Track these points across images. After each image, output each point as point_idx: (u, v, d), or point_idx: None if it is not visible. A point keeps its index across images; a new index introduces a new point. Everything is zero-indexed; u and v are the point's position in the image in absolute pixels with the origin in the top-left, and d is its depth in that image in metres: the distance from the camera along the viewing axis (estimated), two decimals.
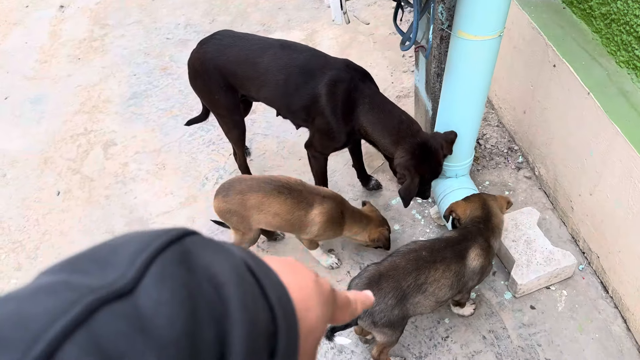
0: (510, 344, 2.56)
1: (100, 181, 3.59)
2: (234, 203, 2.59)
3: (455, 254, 2.24)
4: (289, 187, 2.60)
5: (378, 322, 2.18)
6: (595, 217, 2.62)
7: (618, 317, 2.58)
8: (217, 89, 2.78)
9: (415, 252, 2.24)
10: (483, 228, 2.33)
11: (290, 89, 2.60)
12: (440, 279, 2.22)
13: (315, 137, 2.76)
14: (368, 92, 2.59)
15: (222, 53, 2.69)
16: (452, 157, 2.79)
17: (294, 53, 2.63)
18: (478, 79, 2.39)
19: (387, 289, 2.15)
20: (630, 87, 2.42)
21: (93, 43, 4.83)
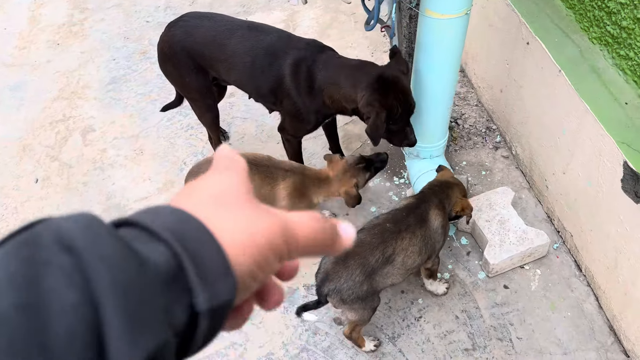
0: (483, 324, 2.57)
1: (78, 168, 3.57)
2: None
3: (418, 219, 2.27)
4: (256, 163, 2.57)
5: (347, 299, 2.19)
6: (568, 196, 2.61)
7: (590, 295, 2.59)
8: (187, 72, 2.74)
9: (380, 226, 2.25)
10: (438, 190, 2.38)
11: (256, 71, 2.58)
12: (408, 247, 2.24)
13: (286, 121, 2.74)
14: (324, 58, 2.51)
15: (190, 35, 2.65)
16: (427, 138, 2.77)
17: (261, 35, 2.60)
18: (447, 58, 2.36)
19: (353, 266, 2.17)
20: (602, 64, 2.39)
21: (72, 28, 4.77)
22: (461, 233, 2.88)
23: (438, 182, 2.46)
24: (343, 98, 2.47)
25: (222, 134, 3.57)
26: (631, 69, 2.24)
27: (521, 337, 2.50)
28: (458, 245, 2.85)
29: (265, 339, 2.64)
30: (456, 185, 2.46)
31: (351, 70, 2.47)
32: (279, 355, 2.58)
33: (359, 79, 2.39)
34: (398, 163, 3.28)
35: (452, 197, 2.40)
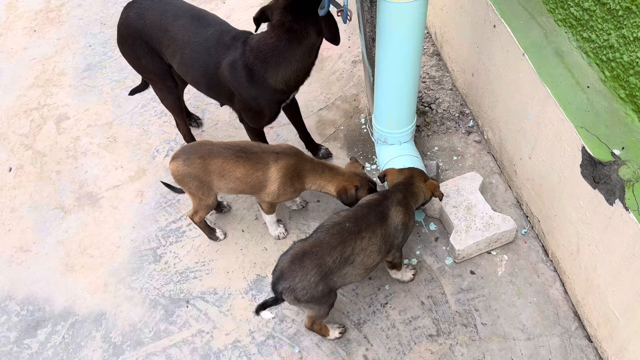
0: (448, 310, 2.56)
1: (52, 156, 3.56)
2: (196, 167, 2.57)
3: (378, 217, 2.24)
4: (246, 149, 2.59)
5: (301, 299, 2.18)
6: (534, 181, 2.58)
7: (557, 280, 2.58)
8: (142, 54, 2.75)
9: (339, 225, 2.21)
10: (402, 188, 2.35)
11: (194, 65, 2.58)
12: (367, 247, 2.21)
13: (243, 115, 2.72)
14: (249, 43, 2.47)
15: (142, 17, 2.65)
16: (394, 124, 2.74)
17: (201, 27, 2.58)
18: (408, 42, 2.32)
19: (309, 266, 2.14)
20: (566, 46, 2.35)
21: (49, 14, 4.71)
22: (430, 219, 2.86)
23: (401, 182, 2.42)
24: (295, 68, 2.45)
25: (195, 121, 3.54)
26: (593, 51, 2.20)
27: (486, 323, 2.50)
28: (426, 231, 2.83)
29: (232, 326, 2.65)
30: (413, 175, 2.44)
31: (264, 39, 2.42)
32: (246, 342, 2.58)
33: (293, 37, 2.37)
34: (370, 149, 3.25)
35: (417, 190, 2.37)
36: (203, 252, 2.94)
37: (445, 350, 2.45)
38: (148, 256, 2.96)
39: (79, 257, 3.01)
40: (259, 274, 2.81)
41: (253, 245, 2.92)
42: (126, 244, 3.03)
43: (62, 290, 2.89)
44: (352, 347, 2.51)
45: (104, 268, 2.94)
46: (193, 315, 2.71)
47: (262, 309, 2.30)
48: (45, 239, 3.12)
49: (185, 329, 2.67)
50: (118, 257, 2.98)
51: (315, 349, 2.53)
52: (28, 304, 2.86)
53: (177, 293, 2.80)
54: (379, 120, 2.77)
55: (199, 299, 2.76)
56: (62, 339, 2.71)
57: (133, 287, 2.85)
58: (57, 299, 2.86)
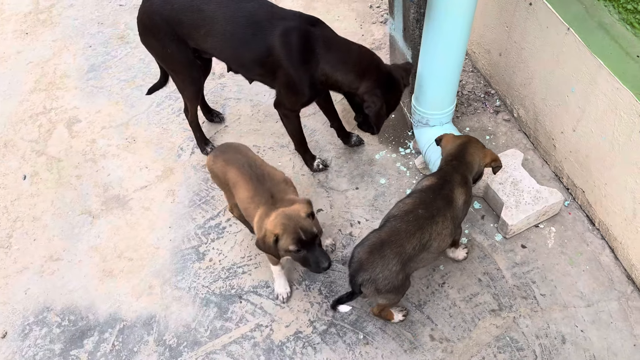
0: (506, 284, 2.60)
1: (68, 161, 3.41)
2: (218, 167, 2.51)
3: (445, 201, 2.23)
4: (260, 178, 2.39)
5: (382, 289, 2.16)
6: (579, 153, 2.65)
7: (606, 247, 2.66)
8: (168, 42, 2.68)
9: (412, 212, 2.19)
10: (457, 165, 2.33)
11: (238, 41, 2.55)
12: (442, 231, 2.20)
13: (281, 94, 2.70)
14: (321, 33, 2.54)
15: (168, 2, 2.60)
16: (437, 106, 2.76)
17: (242, 2, 2.54)
18: (460, 21, 2.34)
19: (390, 256, 2.12)
20: (608, 19, 2.42)
21: (40, 16, 4.51)
22: (474, 197, 2.90)
23: (453, 154, 2.38)
24: (342, 81, 2.58)
25: (217, 116, 3.47)
26: (639, 22, 2.27)
27: (544, 294, 2.55)
28: (472, 209, 2.87)
29: (291, 317, 2.61)
30: (469, 142, 2.41)
31: (357, 58, 2.57)
32: (307, 332, 2.55)
33: (366, 70, 2.55)
34: (402, 134, 3.27)
35: (474, 160, 2.37)
36: (247, 246, 2.88)
37: (509, 323, 2.49)
38: (191, 255, 2.88)
39: (116, 261, 2.90)
40: None
41: None
42: (165, 245, 2.94)
43: (103, 297, 2.78)
44: (416, 328, 2.52)
45: (146, 270, 2.85)
46: (248, 310, 2.65)
47: (338, 304, 2.27)
48: (76, 245, 2.99)
49: (242, 324, 2.62)
50: (159, 258, 2.88)
51: (380, 334, 2.52)
52: (69, 313, 2.74)
53: (228, 289, 2.73)
54: (421, 102, 2.78)
55: (251, 293, 2.71)
56: (113, 347, 2.61)
57: (180, 287, 2.77)
58: (100, 306, 2.75)
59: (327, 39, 2.56)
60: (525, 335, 2.44)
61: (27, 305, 2.78)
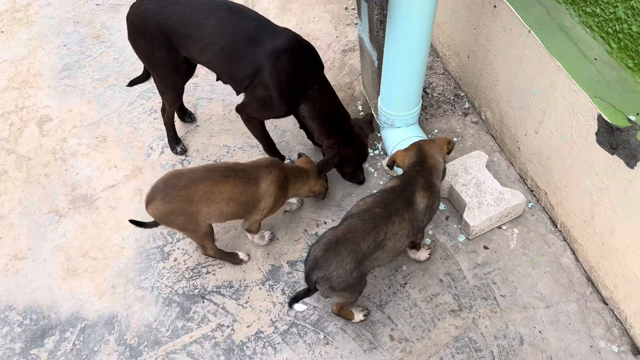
0: (467, 285, 2.61)
1: (38, 159, 3.40)
2: (178, 200, 2.37)
3: (405, 202, 2.24)
4: (232, 168, 2.47)
5: (337, 287, 2.16)
6: (541, 155, 2.67)
7: (567, 249, 2.68)
8: (158, 48, 2.66)
9: (370, 211, 2.20)
10: (420, 170, 2.35)
11: (234, 57, 2.53)
12: (398, 231, 2.21)
13: (251, 104, 2.71)
14: (318, 78, 2.66)
15: (165, 10, 2.57)
16: (402, 107, 2.77)
17: (242, 20, 2.54)
18: (420, 21, 2.35)
19: (344, 254, 2.12)
20: (569, 22, 2.44)
21: (16, 14, 4.49)
22: None
23: (415, 162, 2.40)
24: (313, 130, 2.81)
25: (190, 116, 3.47)
26: (598, 25, 2.29)
27: (505, 295, 2.56)
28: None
29: (252, 317, 2.60)
30: (423, 145, 2.44)
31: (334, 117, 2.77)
32: (269, 332, 2.55)
33: (335, 130, 2.75)
34: (371, 135, 3.27)
35: (436, 160, 2.38)
36: None
37: (469, 323, 2.49)
38: (155, 255, 2.87)
39: (81, 260, 2.89)
40: (273, 264, 2.78)
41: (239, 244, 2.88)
42: (130, 244, 2.93)
43: (66, 296, 2.76)
44: (377, 328, 2.52)
45: (110, 270, 2.83)
46: (210, 310, 2.65)
47: (295, 302, 2.27)
48: (41, 244, 2.98)
49: (204, 324, 2.61)
50: (123, 258, 2.87)
51: (340, 333, 2.52)
52: (31, 312, 2.72)
53: (191, 289, 2.73)
54: (386, 103, 2.79)
55: (214, 293, 2.70)
56: (73, 346, 2.59)
57: (143, 287, 2.76)
58: (62, 305, 2.73)
59: (319, 86, 2.69)
60: (484, 336, 2.45)
61: None
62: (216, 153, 3.30)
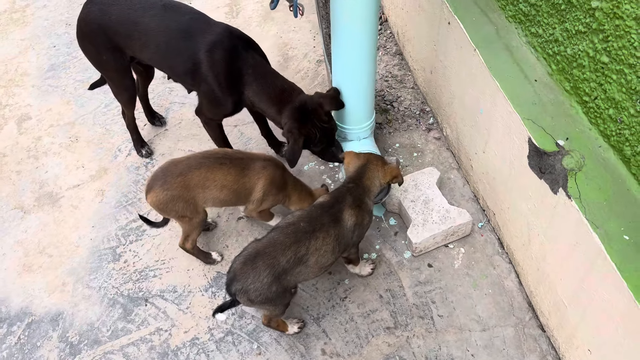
0: (406, 302, 2.59)
1: (12, 156, 3.51)
2: (176, 187, 2.45)
3: (332, 218, 2.23)
4: (229, 156, 2.54)
5: (255, 300, 2.16)
6: (488, 175, 2.63)
7: (512, 272, 2.62)
8: (104, 50, 2.73)
9: (294, 225, 2.20)
10: (353, 187, 2.33)
11: (171, 52, 2.56)
12: (321, 247, 2.20)
13: (203, 104, 2.72)
14: (252, 62, 2.58)
15: (105, 12, 2.64)
16: (352, 120, 2.77)
17: (176, 15, 2.58)
18: (361, 36, 2.35)
19: (262, 267, 2.12)
20: (516, 42, 2.41)
21: (14, 15, 4.65)
22: (390, 214, 2.89)
23: (352, 177, 2.39)
24: (266, 113, 2.65)
25: (159, 120, 3.53)
26: (541, 46, 2.25)
27: (442, 315, 2.53)
28: (386, 225, 2.86)
29: (191, 323, 2.63)
30: (368, 161, 2.40)
31: (279, 92, 2.59)
32: (204, 339, 2.57)
33: (284, 105, 2.57)
34: None
35: (372, 183, 2.36)
36: (164, 250, 2.92)
37: (402, 342, 2.47)
38: (107, 255, 2.93)
39: (37, 257, 2.97)
40: (219, 272, 2.80)
41: (214, 243, 2.91)
42: (85, 244, 2.99)
43: (19, 291, 2.84)
44: (310, 341, 2.51)
45: (63, 267, 2.91)
46: (152, 313, 2.69)
47: (220, 311, 2.28)
48: (3, 239, 3.07)
49: (143, 327, 2.65)
50: (77, 257, 2.94)
51: (274, 344, 2.52)
52: None
53: (136, 292, 2.77)
54: (338, 116, 2.79)
55: (158, 297, 2.74)
56: (18, 340, 2.67)
57: (91, 287, 2.81)
58: (14, 299, 2.81)
59: (255, 68, 2.58)
60: (415, 355, 2.42)
61: None
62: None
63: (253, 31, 4.10)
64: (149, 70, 3.12)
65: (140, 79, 3.21)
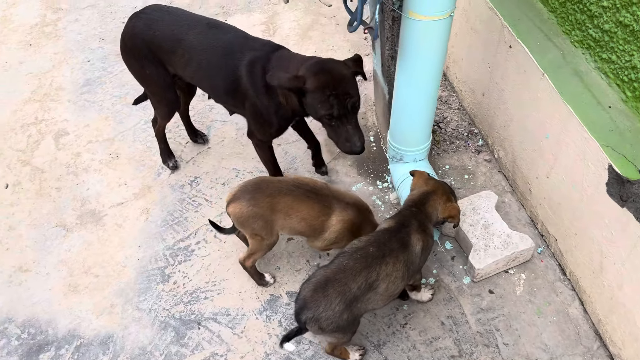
0: (469, 330, 2.53)
1: (51, 172, 3.45)
2: (262, 206, 2.43)
3: (400, 243, 2.17)
4: (316, 191, 2.49)
5: (326, 329, 2.10)
6: (552, 200, 2.59)
7: (575, 299, 2.58)
8: (147, 64, 2.75)
9: (363, 250, 2.15)
10: (416, 212, 2.29)
11: (213, 70, 2.57)
12: (392, 273, 2.14)
13: (251, 124, 2.71)
14: (276, 55, 2.51)
15: (150, 27, 2.65)
16: (411, 142, 2.74)
17: (219, 33, 2.59)
18: (430, 60, 2.32)
19: (333, 295, 2.06)
20: (584, 67, 2.39)
21: (45, 28, 4.62)
22: (446, 237, 2.84)
23: (415, 201, 2.34)
24: (286, 84, 2.34)
25: (201, 137, 3.49)
26: (614, 72, 2.23)
27: (507, 343, 2.47)
28: (442, 249, 2.81)
29: (247, 348, 2.56)
30: (434, 191, 2.36)
31: (294, 62, 2.43)
32: None
33: (297, 67, 2.38)
34: (381, 167, 3.24)
35: (433, 212, 2.32)
36: (213, 271, 2.86)
37: None
38: (156, 276, 2.87)
39: (82, 277, 2.90)
40: (272, 294, 2.74)
41: (265, 264, 2.85)
42: (132, 264, 2.93)
43: (65, 312, 2.77)
44: None
45: (110, 288, 2.84)
46: (205, 337, 2.62)
47: (286, 340, 2.21)
48: (46, 258, 3.00)
49: (197, 351, 2.58)
50: (124, 277, 2.88)
51: None
52: (29, 326, 2.73)
53: (188, 314, 2.71)
54: (395, 137, 2.76)
55: (211, 320, 2.68)
56: None
57: (141, 308, 2.75)
58: (60, 321, 2.74)
59: (279, 57, 2.49)
60: None
61: None
62: (225, 176, 3.30)
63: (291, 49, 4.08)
64: (190, 87, 3.09)
65: (182, 96, 3.18)
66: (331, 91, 2.30)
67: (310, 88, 2.32)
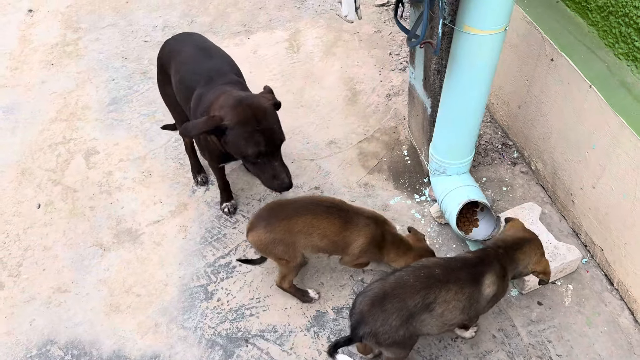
0: (521, 342, 2.53)
1: (83, 192, 3.42)
2: (280, 231, 2.42)
3: (471, 277, 2.12)
4: (337, 207, 2.49)
5: (383, 343, 2.08)
6: (598, 210, 2.61)
7: (625, 309, 2.58)
8: (164, 83, 3.03)
9: (427, 269, 2.13)
10: (503, 254, 2.20)
11: (183, 86, 2.75)
12: (451, 301, 2.09)
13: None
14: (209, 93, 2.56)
15: (164, 49, 2.96)
16: (456, 155, 2.75)
17: (202, 56, 2.80)
18: (482, 73, 2.35)
19: (390, 310, 2.04)
20: (630, 79, 2.42)
21: (66, 48, 4.63)
22: None
23: (506, 242, 2.25)
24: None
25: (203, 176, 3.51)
26: None
27: (561, 354, 2.47)
28: None
29: None
30: (532, 240, 2.28)
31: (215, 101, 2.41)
32: None
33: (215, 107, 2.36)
34: (417, 180, 3.25)
35: (523, 260, 2.24)
36: (257, 287, 2.84)
37: None
38: (199, 294, 2.84)
39: (124, 296, 2.87)
40: (318, 310, 2.72)
41: (308, 280, 2.84)
42: (174, 282, 2.90)
43: (108, 333, 2.73)
44: None
45: (153, 307, 2.80)
46: (254, 355, 2.59)
47: (334, 349, 2.19)
48: (84, 278, 2.97)
49: None
50: (167, 296, 2.85)
51: None
52: (72, 348, 2.69)
53: (235, 332, 2.68)
54: (439, 150, 2.77)
55: (258, 337, 2.65)
56: None
57: (186, 327, 2.71)
58: (104, 341, 2.70)
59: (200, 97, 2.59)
60: None
61: (31, 337, 2.74)
62: (261, 192, 3.30)
63: (316, 66, 4.12)
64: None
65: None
66: (254, 127, 2.24)
67: (230, 124, 2.23)
